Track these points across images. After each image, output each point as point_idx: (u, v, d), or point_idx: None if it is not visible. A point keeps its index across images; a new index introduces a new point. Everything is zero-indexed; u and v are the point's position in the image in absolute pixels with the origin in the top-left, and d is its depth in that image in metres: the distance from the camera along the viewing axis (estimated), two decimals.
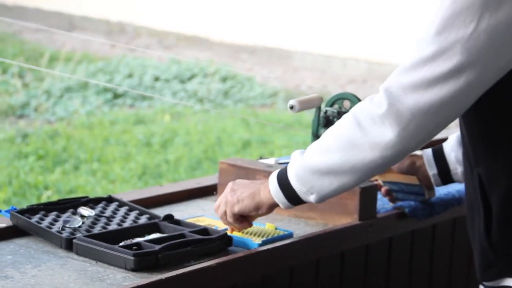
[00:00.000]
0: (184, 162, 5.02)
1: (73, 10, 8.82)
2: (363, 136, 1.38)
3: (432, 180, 1.93)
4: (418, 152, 1.95)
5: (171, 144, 5.37)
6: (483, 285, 1.49)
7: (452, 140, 1.92)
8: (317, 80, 7.43)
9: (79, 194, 4.06)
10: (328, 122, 1.87)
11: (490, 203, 1.41)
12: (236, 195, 1.60)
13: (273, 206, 1.58)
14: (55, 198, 4.04)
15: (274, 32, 7.88)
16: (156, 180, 4.75)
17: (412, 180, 1.92)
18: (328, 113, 1.88)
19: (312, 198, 1.50)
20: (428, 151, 1.94)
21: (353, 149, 1.40)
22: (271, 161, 2.01)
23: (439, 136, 1.48)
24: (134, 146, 5.26)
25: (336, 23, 7.59)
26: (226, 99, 6.59)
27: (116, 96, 6.39)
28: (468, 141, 1.45)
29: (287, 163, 1.58)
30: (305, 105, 1.82)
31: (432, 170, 1.92)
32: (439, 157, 1.91)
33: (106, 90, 6.38)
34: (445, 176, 1.92)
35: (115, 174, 4.77)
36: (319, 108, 1.88)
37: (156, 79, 6.87)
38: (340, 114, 1.89)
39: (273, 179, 1.55)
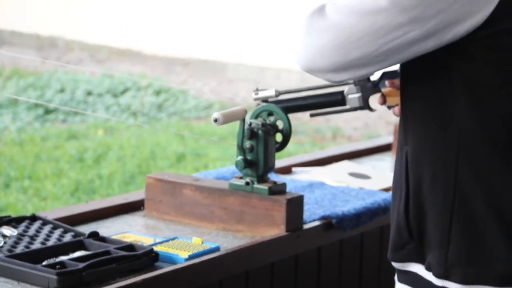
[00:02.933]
0: (118, 177, 4.97)
1: (2, 25, 8.67)
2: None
3: None
4: None
5: (104, 159, 5.31)
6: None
7: None
8: (252, 91, 7.45)
9: (9, 213, 3.97)
10: (253, 134, 1.88)
11: (410, 182, 1.43)
12: None
13: None
14: None
15: (207, 44, 7.89)
16: (89, 196, 4.69)
17: None
18: (253, 125, 1.89)
19: None
20: None
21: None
22: (270, 92, 1.95)
23: None
24: (67, 162, 5.19)
25: (269, 35, 7.64)
26: (160, 112, 6.56)
27: (48, 111, 6.30)
28: (402, 118, 1.47)
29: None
30: (229, 118, 1.83)
31: None
32: None
33: (37, 105, 6.27)
34: None
35: (46, 191, 4.69)
36: (243, 121, 1.88)
37: (89, 93, 6.80)
38: (264, 126, 1.90)
39: None
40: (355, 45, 1.36)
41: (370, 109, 1.86)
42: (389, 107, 1.75)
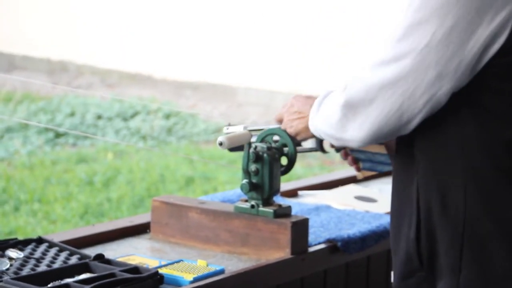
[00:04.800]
0: (127, 200, 4.98)
1: (14, 50, 8.74)
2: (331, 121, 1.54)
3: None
4: None
5: (113, 182, 5.32)
6: None
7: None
8: (261, 115, 7.48)
9: (19, 236, 3.99)
10: (258, 157, 1.89)
11: (420, 210, 1.45)
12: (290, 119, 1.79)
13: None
14: None
15: (217, 68, 7.93)
16: (99, 219, 4.70)
17: (380, 149, 1.87)
18: (258, 148, 1.90)
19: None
20: None
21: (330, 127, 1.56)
22: (239, 128, 2.00)
23: None
24: (76, 186, 5.21)
25: (279, 58, 7.67)
26: (170, 136, 6.58)
27: (58, 135, 6.34)
28: (411, 148, 1.48)
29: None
30: (234, 142, 1.84)
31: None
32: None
33: (47, 129, 6.31)
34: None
35: (56, 214, 4.71)
36: (249, 144, 1.89)
37: (99, 117, 6.84)
38: (269, 149, 1.91)
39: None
40: (400, 113, 1.43)
41: (324, 151, 1.93)
42: (337, 151, 1.83)
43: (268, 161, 1.89)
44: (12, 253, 1.74)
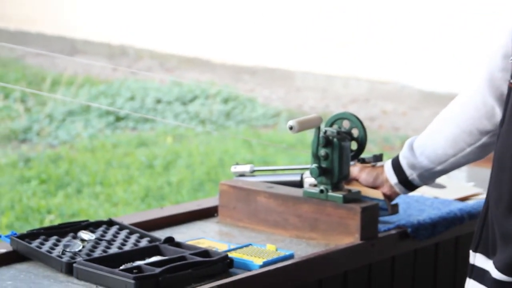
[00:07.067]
0: (187, 184, 5.01)
1: (75, 34, 8.86)
2: None
3: (397, 189, 1.95)
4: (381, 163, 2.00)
5: (173, 166, 5.36)
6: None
7: (404, 147, 1.96)
8: (319, 100, 7.44)
9: (81, 218, 4.05)
10: (328, 142, 1.87)
11: None
12: None
13: None
14: (57, 222, 4.04)
15: (275, 53, 7.91)
16: (159, 202, 4.74)
17: (377, 194, 1.94)
18: (328, 133, 1.88)
19: None
20: (388, 162, 1.97)
21: None
22: (246, 167, 2.04)
23: None
24: (137, 169, 5.26)
25: (338, 42, 7.61)
26: (228, 120, 6.60)
27: (118, 119, 6.41)
28: None
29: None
30: (304, 126, 1.82)
31: (393, 180, 1.94)
32: (397, 166, 1.94)
33: (108, 113, 6.39)
34: (406, 183, 1.94)
35: (117, 197, 4.76)
36: (318, 128, 1.88)
37: (158, 101, 6.89)
38: (339, 134, 1.88)
39: None
40: None
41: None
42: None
43: (338, 146, 1.87)
44: (84, 234, 1.75)
